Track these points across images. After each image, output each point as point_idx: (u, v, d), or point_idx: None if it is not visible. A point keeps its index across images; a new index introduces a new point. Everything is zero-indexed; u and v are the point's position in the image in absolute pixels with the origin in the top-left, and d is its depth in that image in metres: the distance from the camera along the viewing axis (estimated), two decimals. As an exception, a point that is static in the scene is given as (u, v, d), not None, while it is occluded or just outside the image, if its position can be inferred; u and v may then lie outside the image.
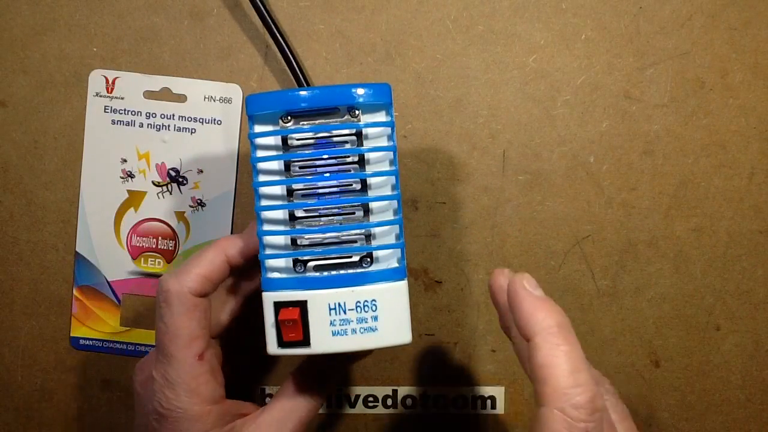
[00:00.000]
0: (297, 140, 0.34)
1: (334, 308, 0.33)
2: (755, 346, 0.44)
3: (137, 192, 0.45)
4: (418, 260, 0.45)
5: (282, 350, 0.34)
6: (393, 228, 0.34)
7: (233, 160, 0.45)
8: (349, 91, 0.33)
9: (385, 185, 0.34)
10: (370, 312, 0.33)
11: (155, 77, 0.44)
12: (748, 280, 0.44)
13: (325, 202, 0.34)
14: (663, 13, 0.43)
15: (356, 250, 0.34)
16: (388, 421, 0.46)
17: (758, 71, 0.43)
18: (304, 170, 0.34)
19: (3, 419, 0.46)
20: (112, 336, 0.46)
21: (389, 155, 0.34)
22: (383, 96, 0.33)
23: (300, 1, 0.44)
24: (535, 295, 0.31)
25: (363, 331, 0.33)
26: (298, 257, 0.34)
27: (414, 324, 0.45)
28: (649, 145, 0.43)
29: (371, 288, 0.33)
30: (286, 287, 0.34)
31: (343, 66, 0.44)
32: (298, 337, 0.33)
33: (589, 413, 0.28)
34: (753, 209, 0.44)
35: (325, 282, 0.33)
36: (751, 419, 0.45)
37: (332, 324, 0.33)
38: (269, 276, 0.34)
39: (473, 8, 0.43)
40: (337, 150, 0.34)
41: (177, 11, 0.44)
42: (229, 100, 0.44)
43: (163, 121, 0.45)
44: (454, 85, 0.44)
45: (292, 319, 0.33)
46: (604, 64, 0.43)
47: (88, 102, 0.45)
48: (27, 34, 0.44)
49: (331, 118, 0.34)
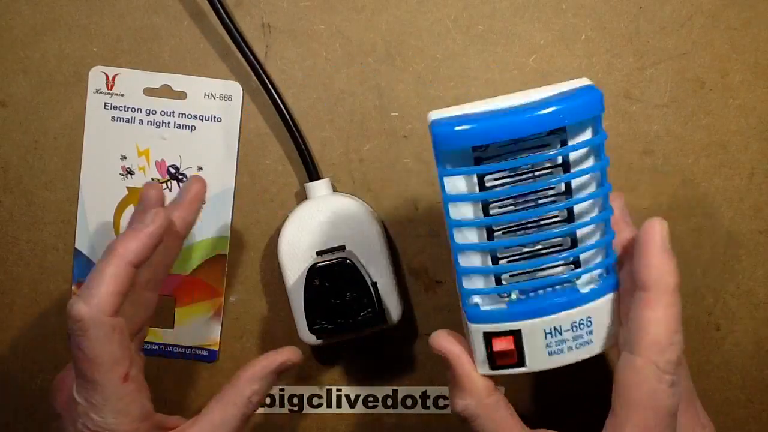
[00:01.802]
0: (495, 178, 0.31)
1: (550, 332, 0.32)
2: (755, 346, 0.44)
3: (137, 189, 0.45)
4: (418, 260, 0.45)
5: (494, 372, 0.33)
6: (603, 247, 0.32)
7: (233, 158, 0.45)
8: (557, 111, 0.29)
9: (593, 209, 0.32)
10: (585, 329, 0.32)
11: (155, 74, 0.44)
12: (748, 280, 0.44)
13: (529, 238, 0.31)
14: (663, 13, 0.43)
15: (563, 280, 0.32)
16: (388, 421, 0.46)
17: (758, 71, 0.43)
18: (503, 203, 0.31)
19: (3, 419, 0.46)
20: None
21: (597, 175, 0.31)
22: (594, 107, 0.30)
23: (300, 1, 0.44)
24: (667, 249, 0.31)
25: (579, 346, 0.32)
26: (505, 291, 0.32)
27: (414, 324, 0.45)
28: (649, 145, 0.43)
29: (586, 307, 0.32)
30: (496, 320, 0.32)
31: (343, 66, 0.44)
32: (512, 361, 0.32)
33: (675, 367, 0.30)
34: (753, 209, 0.44)
35: (539, 310, 0.32)
36: (751, 419, 0.45)
37: (548, 346, 0.32)
38: (475, 307, 0.33)
39: (473, 8, 0.43)
40: (543, 183, 0.31)
41: (177, 11, 0.44)
42: (229, 98, 0.44)
43: (163, 118, 0.45)
44: (454, 85, 0.44)
45: (506, 347, 0.32)
46: (604, 64, 0.43)
47: (88, 98, 0.44)
48: (27, 34, 0.44)
49: (532, 144, 0.31)
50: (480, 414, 0.33)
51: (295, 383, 0.46)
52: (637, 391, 0.30)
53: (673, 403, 0.30)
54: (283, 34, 0.44)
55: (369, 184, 0.44)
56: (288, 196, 0.45)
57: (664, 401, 0.30)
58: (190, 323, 0.45)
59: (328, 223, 0.42)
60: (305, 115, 0.44)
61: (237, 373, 0.37)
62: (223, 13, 0.42)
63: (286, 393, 0.46)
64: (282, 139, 0.44)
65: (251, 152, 0.45)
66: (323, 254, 0.41)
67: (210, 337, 0.45)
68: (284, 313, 0.45)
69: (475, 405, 0.33)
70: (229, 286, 0.45)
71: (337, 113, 0.44)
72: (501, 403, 0.34)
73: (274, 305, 0.45)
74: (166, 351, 0.46)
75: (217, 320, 0.45)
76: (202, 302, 0.45)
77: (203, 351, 0.46)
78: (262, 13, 0.44)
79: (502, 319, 0.32)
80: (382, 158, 0.44)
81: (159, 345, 0.46)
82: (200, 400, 0.46)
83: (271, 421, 0.46)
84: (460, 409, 0.34)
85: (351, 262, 0.40)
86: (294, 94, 0.44)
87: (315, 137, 0.44)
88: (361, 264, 0.41)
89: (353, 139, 0.44)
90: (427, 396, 0.45)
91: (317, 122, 0.44)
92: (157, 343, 0.46)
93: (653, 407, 0.30)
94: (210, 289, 0.45)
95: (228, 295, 0.45)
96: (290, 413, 0.46)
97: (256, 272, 0.45)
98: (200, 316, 0.45)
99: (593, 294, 0.32)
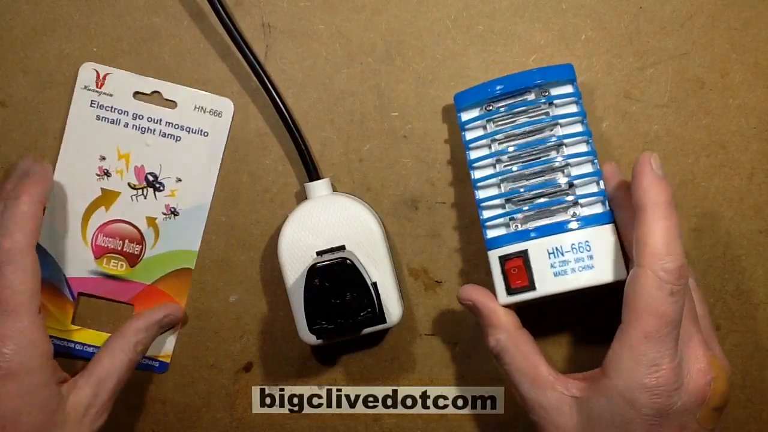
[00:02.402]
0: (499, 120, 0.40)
1: (553, 252, 0.38)
2: (755, 346, 0.44)
3: (111, 191, 0.44)
4: (418, 260, 0.45)
5: (510, 298, 0.38)
6: (593, 178, 0.39)
7: (214, 174, 0.44)
8: (535, 72, 0.39)
9: (580, 143, 0.39)
10: (585, 252, 0.37)
11: (148, 79, 0.44)
12: (748, 280, 0.44)
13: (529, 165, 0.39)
14: (663, 13, 0.43)
15: (564, 201, 0.38)
16: (388, 421, 0.46)
17: (758, 71, 0.43)
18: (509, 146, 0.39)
19: None
20: (61, 333, 0.45)
21: (579, 119, 0.39)
22: (567, 73, 0.39)
23: (300, 1, 0.44)
24: (656, 173, 0.35)
25: (581, 269, 0.37)
26: (513, 216, 0.39)
27: (414, 324, 0.45)
28: (649, 145, 0.43)
29: (583, 231, 0.38)
30: (507, 243, 0.38)
31: (343, 66, 0.44)
32: (524, 283, 0.38)
33: (676, 278, 0.33)
34: (753, 209, 0.44)
35: (541, 232, 0.38)
36: (751, 419, 0.45)
37: (552, 266, 0.37)
38: (491, 236, 0.39)
39: (473, 8, 0.43)
40: (536, 120, 0.39)
41: (177, 11, 0.44)
42: (220, 114, 0.44)
43: (149, 125, 0.44)
44: (454, 85, 0.44)
45: (517, 266, 0.38)
46: (604, 64, 0.43)
47: (75, 93, 0.44)
48: (27, 34, 0.44)
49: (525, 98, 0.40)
50: (509, 347, 0.38)
51: (295, 383, 0.46)
52: (639, 299, 0.34)
53: (672, 310, 0.33)
54: (283, 34, 0.44)
55: (369, 184, 0.44)
56: (288, 196, 0.45)
57: (664, 308, 0.33)
58: None
59: (328, 223, 0.42)
60: (305, 115, 0.44)
61: (124, 324, 0.42)
62: (223, 13, 0.42)
63: (286, 393, 0.46)
64: (282, 139, 0.44)
65: (251, 152, 0.45)
66: (323, 254, 0.41)
67: (163, 349, 0.45)
68: (284, 313, 0.45)
69: (505, 338, 0.38)
70: (215, 293, 0.45)
71: (337, 113, 0.44)
72: (528, 338, 0.38)
73: (274, 305, 0.45)
74: None
75: (173, 334, 0.45)
76: None
77: (155, 362, 0.45)
78: (262, 13, 0.44)
79: (512, 241, 0.38)
80: (382, 158, 0.44)
81: None
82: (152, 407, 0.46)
83: (271, 421, 0.46)
84: (493, 344, 0.38)
85: (351, 262, 0.40)
86: (294, 94, 0.44)
87: (315, 137, 0.44)
88: (361, 264, 0.41)
89: (353, 139, 0.44)
90: (427, 396, 0.45)
91: (317, 122, 0.44)
92: None
93: (654, 313, 0.33)
94: (171, 301, 0.45)
95: (228, 297, 0.45)
96: (290, 413, 0.46)
97: (256, 272, 0.45)
98: None
99: (586, 221, 0.38)
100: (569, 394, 0.36)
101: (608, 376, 0.35)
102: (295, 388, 0.46)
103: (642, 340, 0.33)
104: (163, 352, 0.45)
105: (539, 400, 0.37)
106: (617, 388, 0.34)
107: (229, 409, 0.46)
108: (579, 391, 0.36)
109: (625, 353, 0.34)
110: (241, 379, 0.46)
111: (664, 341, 0.33)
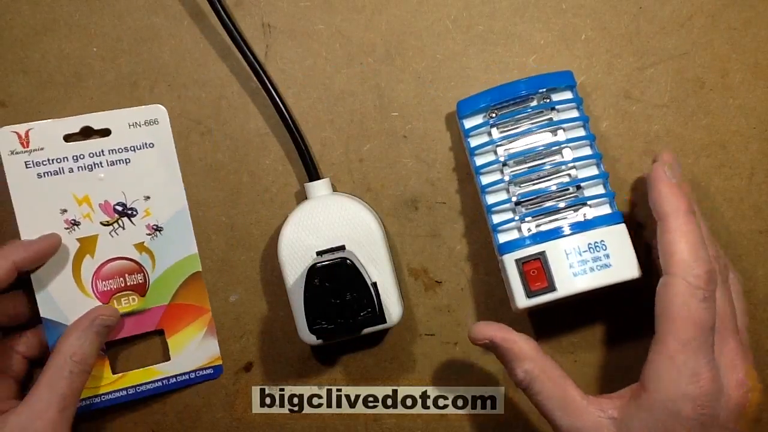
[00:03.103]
0: (503, 126, 0.40)
1: (571, 252, 0.38)
2: (755, 346, 0.44)
3: (88, 237, 0.43)
4: (418, 260, 0.45)
5: (531, 300, 0.38)
6: (600, 180, 0.39)
7: (177, 178, 0.44)
8: (537, 78, 0.40)
9: (584, 146, 0.40)
10: (602, 251, 0.38)
11: (70, 119, 0.43)
12: (748, 280, 0.44)
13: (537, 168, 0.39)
14: (663, 13, 0.43)
15: (574, 203, 0.39)
16: (388, 421, 0.46)
17: (758, 71, 0.43)
18: (515, 150, 0.40)
19: None
20: (108, 387, 0.44)
21: (581, 123, 0.40)
22: (567, 79, 0.40)
23: (300, 1, 0.44)
24: (672, 182, 0.36)
25: (599, 268, 0.38)
26: (524, 218, 0.39)
27: (414, 324, 0.45)
28: (649, 145, 0.43)
29: (597, 231, 0.38)
30: (523, 246, 0.38)
31: (343, 66, 0.44)
32: (543, 284, 0.38)
33: (706, 283, 0.33)
34: (753, 209, 0.44)
35: (557, 233, 0.38)
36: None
37: (571, 266, 0.38)
38: (503, 240, 0.39)
39: (473, 8, 0.43)
40: (540, 126, 0.39)
41: (177, 11, 0.44)
42: (155, 121, 0.44)
43: (94, 159, 0.43)
44: (454, 85, 0.44)
45: (535, 268, 0.38)
46: (604, 64, 0.43)
47: (5, 162, 0.42)
48: (27, 34, 0.44)
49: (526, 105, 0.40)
50: (538, 374, 0.36)
51: (295, 383, 0.46)
52: (672, 306, 0.33)
53: (707, 316, 0.33)
54: (283, 34, 0.44)
55: (369, 184, 0.44)
56: (288, 196, 0.45)
57: (698, 313, 0.33)
58: (186, 348, 0.45)
59: (328, 223, 0.42)
60: (305, 115, 0.44)
61: (59, 339, 0.41)
62: (223, 13, 0.42)
63: (286, 393, 0.46)
64: (282, 139, 0.44)
65: (251, 152, 0.45)
66: (323, 254, 0.41)
67: (210, 355, 0.45)
68: (284, 313, 0.45)
69: (533, 366, 0.36)
70: (215, 294, 0.45)
71: (337, 113, 0.44)
72: (553, 362, 0.37)
73: (274, 305, 0.45)
74: (170, 383, 0.45)
75: (212, 336, 0.45)
76: (191, 324, 0.45)
77: (207, 370, 0.45)
78: (262, 13, 0.44)
79: (528, 244, 0.38)
80: (382, 158, 0.44)
81: (161, 380, 0.45)
82: (152, 407, 0.46)
83: (271, 421, 0.46)
84: (521, 377, 0.36)
85: (351, 262, 0.40)
86: (294, 94, 0.44)
87: (315, 137, 0.44)
88: (361, 264, 0.41)
89: (353, 139, 0.44)
90: (427, 396, 0.45)
91: (317, 122, 0.44)
92: (157, 380, 0.45)
93: (689, 319, 0.33)
94: (195, 309, 0.45)
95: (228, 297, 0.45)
96: (290, 413, 0.46)
97: (256, 272, 0.45)
98: (194, 339, 0.45)
99: (598, 220, 0.38)
100: (606, 416, 0.35)
101: (648, 390, 0.34)
102: (295, 388, 0.46)
103: (680, 348, 0.33)
104: (211, 357, 0.45)
105: (575, 426, 0.35)
106: (660, 401, 0.33)
107: (229, 409, 0.46)
108: (616, 411, 0.35)
109: (664, 364, 0.33)
110: (241, 379, 0.46)
111: (702, 348, 0.33)
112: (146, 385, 0.45)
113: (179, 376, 0.45)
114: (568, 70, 0.40)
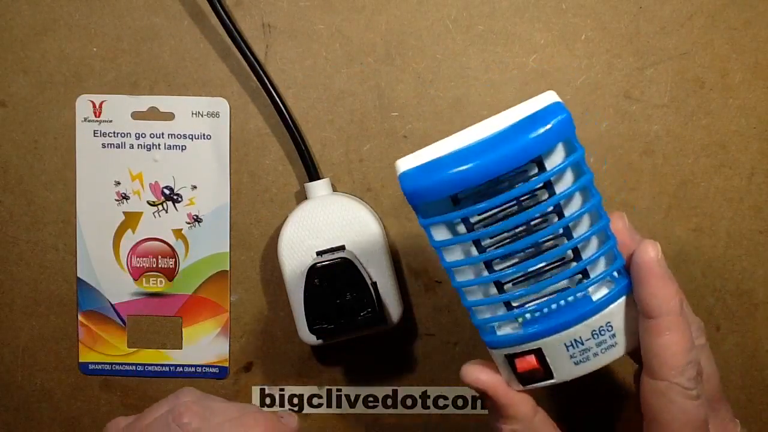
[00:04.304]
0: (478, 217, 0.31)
1: (571, 344, 0.32)
2: (755, 346, 0.44)
3: (133, 213, 0.45)
4: (418, 260, 0.45)
5: (526, 387, 0.33)
6: (608, 254, 0.32)
7: (226, 173, 0.45)
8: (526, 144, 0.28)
9: (589, 217, 0.31)
10: (607, 334, 0.32)
11: (141, 97, 0.44)
12: (748, 280, 0.44)
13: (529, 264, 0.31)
14: (663, 13, 0.43)
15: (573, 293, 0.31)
16: (388, 421, 0.46)
17: (758, 71, 0.43)
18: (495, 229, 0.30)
19: (3, 419, 0.46)
20: (120, 358, 0.46)
21: (585, 189, 0.31)
22: (564, 131, 0.29)
23: (300, 1, 0.44)
24: (663, 274, 0.31)
25: (604, 351, 0.32)
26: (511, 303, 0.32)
27: (414, 324, 0.45)
28: (649, 145, 0.43)
29: (602, 314, 0.31)
30: (515, 342, 0.32)
31: (343, 66, 0.44)
32: (539, 376, 0.32)
33: (698, 381, 0.32)
34: (753, 209, 0.44)
35: (555, 326, 0.31)
36: (751, 419, 0.45)
37: (572, 357, 0.32)
38: (492, 333, 0.32)
39: (473, 8, 0.43)
40: (533, 212, 0.30)
41: (177, 11, 0.44)
42: (217, 114, 0.44)
43: (153, 141, 0.45)
44: (454, 85, 0.44)
45: (531, 368, 0.32)
46: (604, 64, 0.43)
47: (77, 128, 0.45)
48: (27, 34, 0.44)
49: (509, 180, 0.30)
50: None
51: (295, 383, 0.46)
52: (668, 413, 0.31)
53: (702, 412, 0.32)
54: (283, 34, 0.44)
55: (369, 184, 0.44)
56: (288, 196, 0.45)
57: (695, 414, 0.31)
58: (198, 341, 0.46)
59: (328, 223, 0.42)
60: (305, 115, 0.44)
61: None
62: (223, 14, 0.42)
63: (286, 393, 0.46)
64: (282, 139, 0.44)
65: (251, 152, 0.45)
66: (323, 254, 0.41)
67: (219, 354, 0.46)
68: (284, 313, 0.45)
69: (523, 428, 0.33)
70: (230, 291, 0.45)
71: (337, 113, 0.44)
72: (546, 420, 0.34)
73: (274, 305, 0.45)
74: (177, 371, 0.46)
75: (224, 337, 0.45)
76: (208, 320, 0.45)
77: (213, 368, 0.46)
78: (262, 13, 0.44)
79: (521, 341, 0.32)
80: (382, 158, 0.44)
81: (169, 366, 0.46)
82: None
83: (271, 421, 0.46)
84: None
85: (351, 262, 0.40)
86: (294, 94, 0.44)
87: (315, 137, 0.44)
88: (361, 264, 0.41)
89: (353, 139, 0.44)
90: (427, 396, 0.45)
91: (317, 122, 0.44)
92: (166, 364, 0.46)
93: (686, 422, 0.31)
94: (215, 306, 0.45)
95: (231, 307, 0.45)
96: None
97: (256, 272, 0.45)
98: (208, 334, 0.45)
99: (606, 301, 0.31)
100: None
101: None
102: (295, 388, 0.46)
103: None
104: (219, 357, 0.46)
105: None
106: None
107: (229, 409, 0.46)
108: None
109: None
110: (241, 379, 0.46)
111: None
112: (155, 367, 0.46)
113: (187, 366, 0.46)
114: (557, 102, 0.29)
